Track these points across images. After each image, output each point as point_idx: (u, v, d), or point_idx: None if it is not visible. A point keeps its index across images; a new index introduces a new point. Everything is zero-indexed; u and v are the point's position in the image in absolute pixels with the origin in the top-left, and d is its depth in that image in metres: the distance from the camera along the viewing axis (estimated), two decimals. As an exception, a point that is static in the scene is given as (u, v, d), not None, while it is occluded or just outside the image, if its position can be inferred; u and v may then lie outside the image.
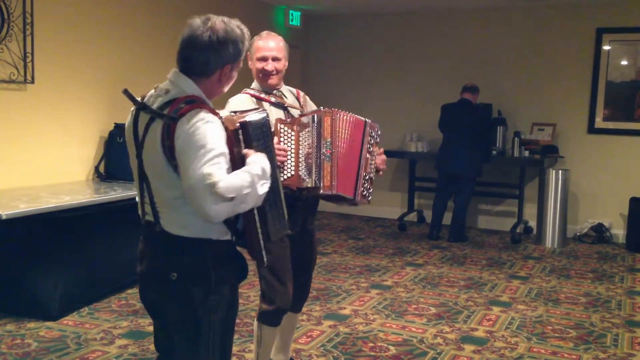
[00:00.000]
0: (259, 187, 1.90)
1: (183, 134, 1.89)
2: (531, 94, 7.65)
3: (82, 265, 4.43)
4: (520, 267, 5.99)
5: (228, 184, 1.82)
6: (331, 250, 6.39)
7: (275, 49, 2.93)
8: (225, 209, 1.84)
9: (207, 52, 1.98)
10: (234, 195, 1.82)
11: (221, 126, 1.95)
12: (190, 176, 1.84)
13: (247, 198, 1.88)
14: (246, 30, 2.09)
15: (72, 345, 3.79)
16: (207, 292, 2.02)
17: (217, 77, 2.04)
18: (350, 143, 2.94)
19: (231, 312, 2.12)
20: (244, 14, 7.41)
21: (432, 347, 3.93)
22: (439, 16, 8.02)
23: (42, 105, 4.86)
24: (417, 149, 7.72)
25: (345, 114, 2.95)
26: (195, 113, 1.91)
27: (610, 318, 4.58)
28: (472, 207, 7.46)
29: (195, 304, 2.02)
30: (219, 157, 1.86)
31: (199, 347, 2.05)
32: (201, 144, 1.85)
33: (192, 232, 2.00)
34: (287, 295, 3.01)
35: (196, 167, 1.83)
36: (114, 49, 5.48)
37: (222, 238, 2.04)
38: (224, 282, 2.06)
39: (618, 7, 7.19)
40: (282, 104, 2.99)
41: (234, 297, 2.13)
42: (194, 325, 2.04)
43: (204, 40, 1.97)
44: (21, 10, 4.60)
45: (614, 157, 7.34)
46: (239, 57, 2.06)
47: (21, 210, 3.84)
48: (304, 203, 2.98)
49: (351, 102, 7.55)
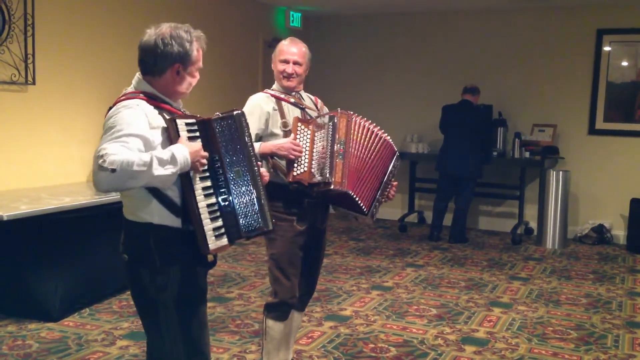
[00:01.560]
0: (156, 169, 1.99)
1: (107, 118, 2.11)
2: (532, 95, 7.65)
3: (82, 266, 4.43)
4: (521, 268, 5.99)
5: (114, 158, 1.93)
6: (332, 251, 6.39)
7: (297, 54, 3.08)
8: (105, 179, 1.94)
9: (154, 54, 2.19)
10: (115, 168, 1.92)
11: (144, 113, 2.09)
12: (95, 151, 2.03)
13: (138, 176, 1.97)
14: (196, 33, 2.25)
15: (73, 346, 3.79)
16: (154, 272, 2.18)
17: (170, 75, 2.21)
18: (372, 157, 3.05)
19: (186, 292, 2.21)
20: (244, 15, 7.46)
21: (433, 348, 3.93)
22: (440, 17, 8.03)
23: (43, 106, 4.87)
24: (418, 150, 7.72)
25: (362, 119, 3.06)
26: (122, 102, 2.13)
27: (611, 319, 4.58)
28: (472, 208, 7.46)
29: (145, 284, 2.20)
30: (124, 137, 2.01)
31: (160, 328, 2.22)
32: (112, 125, 2.05)
33: (137, 217, 2.18)
34: (292, 289, 3.09)
35: (101, 143, 2.01)
36: (115, 51, 5.48)
37: (165, 223, 2.16)
38: (170, 264, 2.18)
39: (618, 8, 7.19)
40: (300, 105, 3.10)
41: (189, 279, 2.22)
42: (149, 305, 2.22)
43: (151, 43, 2.19)
44: (22, 11, 4.61)
45: (615, 158, 7.34)
46: (187, 56, 2.21)
47: (22, 211, 3.85)
48: (313, 201, 3.04)
49: (352, 103, 7.54)
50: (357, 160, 2.99)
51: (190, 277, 2.23)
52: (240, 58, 7.11)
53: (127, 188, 2.05)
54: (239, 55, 7.10)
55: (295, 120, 2.96)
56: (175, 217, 2.17)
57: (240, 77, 7.05)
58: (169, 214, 2.16)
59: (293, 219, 3.03)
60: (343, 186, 2.93)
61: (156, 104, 2.18)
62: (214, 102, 6.30)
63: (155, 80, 2.22)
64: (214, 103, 6.17)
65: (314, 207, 3.08)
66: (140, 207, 2.17)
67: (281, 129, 2.98)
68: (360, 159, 3.01)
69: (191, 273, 2.24)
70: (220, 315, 4.40)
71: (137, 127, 2.05)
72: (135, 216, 2.19)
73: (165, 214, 2.16)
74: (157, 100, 2.20)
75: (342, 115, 2.99)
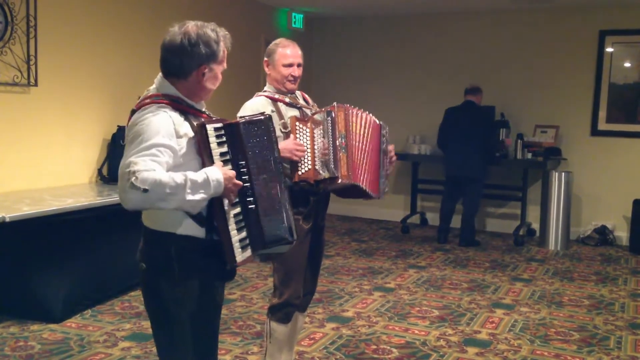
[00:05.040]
0: (189, 193, 1.92)
1: (131, 124, 2.01)
2: (534, 96, 7.64)
3: (85, 267, 4.43)
4: (523, 270, 5.98)
5: (146, 175, 1.85)
6: (334, 253, 6.39)
7: (300, 56, 3.11)
8: (135, 199, 1.86)
9: (180, 54, 2.07)
10: (148, 189, 1.84)
11: (172, 121, 2.01)
12: (122, 161, 1.93)
13: (169, 198, 1.90)
14: (222, 33, 2.15)
15: (75, 347, 3.79)
16: (173, 284, 2.09)
17: (195, 77, 2.10)
18: (370, 143, 3.09)
19: (204, 310, 2.14)
20: (247, 17, 7.47)
21: (435, 349, 3.93)
22: (442, 18, 8.02)
23: (46, 108, 4.87)
24: (420, 152, 7.72)
25: (358, 110, 3.10)
26: (147, 107, 2.02)
27: (614, 320, 4.57)
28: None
29: (163, 295, 2.10)
30: (154, 148, 1.92)
31: (172, 341, 2.14)
32: (139, 134, 1.95)
33: (159, 226, 2.08)
34: (298, 290, 3.10)
35: (128, 154, 1.93)
36: (118, 52, 5.49)
37: (188, 234, 2.07)
38: (190, 277, 2.09)
39: (621, 9, 7.18)
40: (296, 104, 3.11)
41: (209, 296, 2.15)
42: (164, 316, 2.14)
43: (177, 43, 2.07)
44: (25, 13, 4.61)
45: (617, 159, 7.32)
46: (214, 57, 2.11)
47: (24, 212, 3.85)
48: (318, 198, 3.07)
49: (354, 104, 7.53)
50: (358, 151, 3.04)
51: (208, 291, 2.15)
52: (242, 60, 7.11)
53: (155, 209, 1.96)
54: (241, 56, 7.10)
55: (292, 120, 2.96)
56: (199, 226, 2.08)
57: (242, 79, 7.05)
58: (192, 224, 2.07)
59: (299, 218, 3.02)
60: (350, 179, 2.97)
61: (182, 109, 2.08)
62: (216, 104, 6.28)
63: (179, 82, 2.11)
64: (215, 105, 6.15)
65: (316, 204, 3.10)
66: (162, 215, 2.07)
67: (281, 130, 2.99)
68: (360, 149, 3.05)
69: (210, 287, 2.15)
70: (222, 316, 4.37)
71: (165, 136, 1.96)
72: (156, 224, 2.10)
73: (189, 223, 2.07)
74: (182, 105, 2.09)
75: (339, 108, 3.02)
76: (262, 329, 4.05)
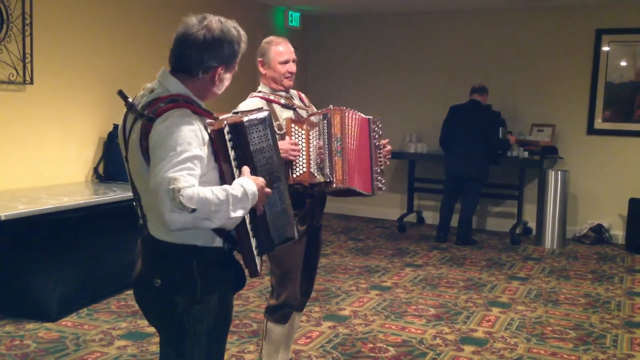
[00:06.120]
0: (231, 209, 1.78)
1: (156, 133, 1.80)
2: (531, 95, 7.65)
3: (81, 266, 4.42)
4: (519, 268, 5.99)
5: (193, 194, 1.71)
6: (331, 251, 6.39)
7: (293, 51, 3.09)
8: (182, 220, 1.71)
9: (201, 51, 1.89)
10: (195, 208, 1.70)
11: (199, 128, 1.85)
12: (155, 176, 1.75)
13: (214, 216, 1.76)
14: (243, 33, 2.00)
15: (71, 346, 3.78)
16: (192, 301, 1.93)
17: (210, 77, 1.95)
18: (359, 141, 3.07)
19: (219, 324, 2.02)
20: (243, 15, 7.44)
21: (432, 348, 3.93)
22: (438, 17, 8.02)
23: (41, 106, 4.86)
24: (417, 150, 7.72)
25: (352, 111, 3.07)
26: (171, 113, 1.82)
27: (610, 319, 4.58)
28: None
29: (179, 312, 1.94)
30: (190, 161, 1.76)
31: (183, 355, 1.97)
32: (172, 145, 1.76)
33: (177, 238, 1.89)
34: (295, 291, 3.09)
35: (163, 168, 1.74)
36: (114, 50, 5.48)
37: (210, 245, 1.94)
38: (211, 292, 1.96)
39: (617, 8, 7.19)
40: (291, 105, 3.08)
41: (224, 308, 2.03)
42: (178, 333, 1.96)
43: (199, 38, 1.88)
44: (20, 11, 4.60)
45: (614, 158, 7.33)
46: (234, 59, 1.97)
47: (20, 211, 3.84)
48: (313, 200, 3.05)
49: (350, 103, 7.48)
50: (353, 154, 3.02)
51: (226, 305, 2.03)
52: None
53: (198, 228, 1.79)
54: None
55: (288, 122, 2.94)
56: (215, 236, 1.94)
57: (238, 77, 7.03)
58: (212, 234, 1.92)
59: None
60: (345, 183, 2.96)
61: (197, 111, 1.89)
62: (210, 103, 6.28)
63: (191, 81, 1.93)
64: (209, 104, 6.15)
65: (312, 205, 3.08)
66: None
67: (276, 132, 2.97)
68: (354, 152, 3.03)
69: (226, 300, 2.03)
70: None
71: (197, 146, 1.79)
72: (173, 237, 1.89)
73: (209, 234, 1.91)
74: (195, 106, 1.90)
75: (335, 111, 2.99)
76: (259, 328, 4.05)
